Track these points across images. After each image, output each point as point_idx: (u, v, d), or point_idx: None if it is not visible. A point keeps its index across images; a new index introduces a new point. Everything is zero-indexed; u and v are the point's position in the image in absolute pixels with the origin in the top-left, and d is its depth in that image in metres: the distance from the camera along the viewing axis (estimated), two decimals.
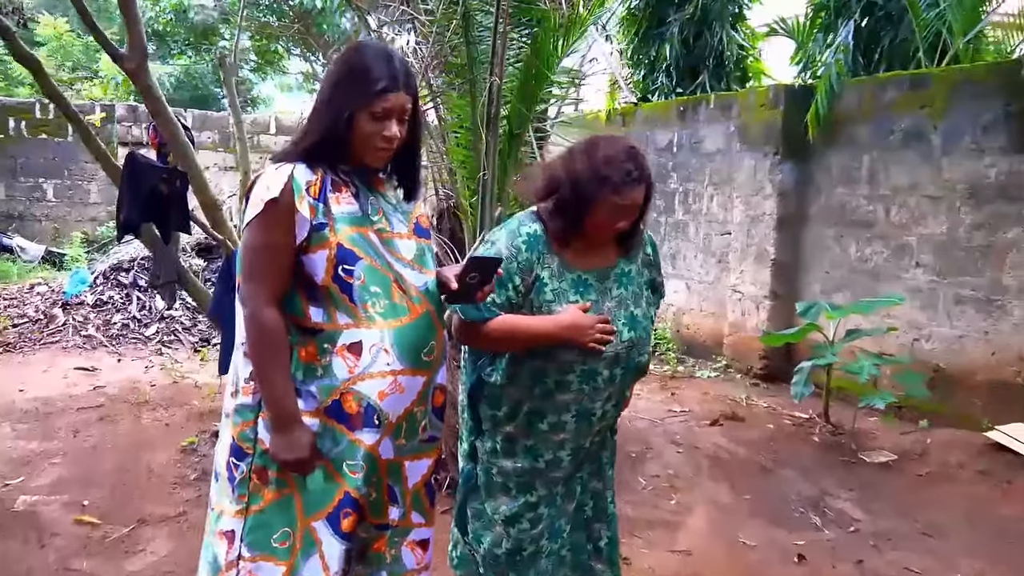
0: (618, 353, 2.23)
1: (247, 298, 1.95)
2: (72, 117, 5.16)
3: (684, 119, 7.69)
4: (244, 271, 1.96)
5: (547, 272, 2.21)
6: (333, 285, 1.92)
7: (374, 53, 1.99)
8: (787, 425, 5.63)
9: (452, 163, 4.12)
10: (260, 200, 1.92)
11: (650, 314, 2.37)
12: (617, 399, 2.34)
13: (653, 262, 2.44)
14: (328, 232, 1.92)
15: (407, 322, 1.98)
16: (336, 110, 1.95)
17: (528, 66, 3.78)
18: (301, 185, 1.93)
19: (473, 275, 2.03)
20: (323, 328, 1.94)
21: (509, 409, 2.27)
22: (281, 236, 1.91)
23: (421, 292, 2.05)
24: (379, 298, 1.95)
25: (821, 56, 6.98)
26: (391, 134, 1.97)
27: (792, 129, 6.49)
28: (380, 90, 1.92)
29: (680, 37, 8.15)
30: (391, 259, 2.01)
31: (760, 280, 6.77)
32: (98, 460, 4.53)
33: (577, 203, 2.16)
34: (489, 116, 3.69)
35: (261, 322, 1.92)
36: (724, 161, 7.24)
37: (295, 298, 1.96)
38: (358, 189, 2.03)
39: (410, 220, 2.14)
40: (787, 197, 6.58)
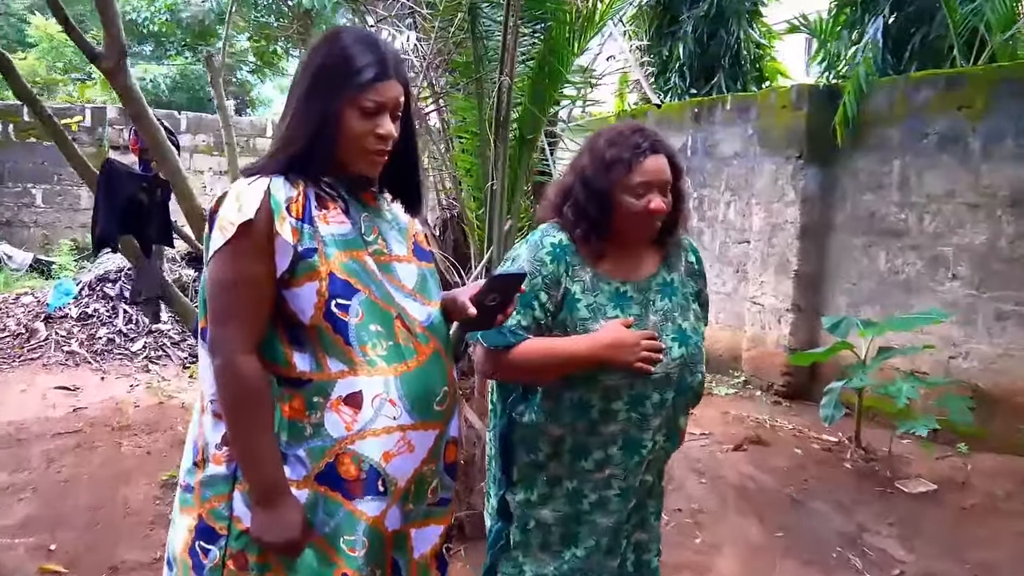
0: (668, 373, 1.96)
1: (218, 345, 1.60)
2: (46, 120, 4.80)
3: (699, 121, 7.32)
4: (212, 312, 1.61)
5: (579, 286, 1.97)
6: (324, 324, 1.58)
7: (355, 38, 1.66)
8: (816, 450, 5.25)
9: (457, 171, 3.75)
10: (230, 223, 1.56)
11: (700, 329, 2.09)
12: (668, 428, 2.04)
13: (698, 271, 2.16)
14: (317, 260, 1.58)
15: (415, 366, 1.64)
16: (318, 109, 1.61)
17: (541, 64, 3.42)
18: (280, 203, 1.58)
19: (493, 296, 1.71)
20: (311, 378, 1.59)
21: (550, 450, 2.00)
22: (258, 266, 1.57)
23: (426, 328, 1.70)
24: (381, 338, 1.61)
25: (846, 54, 6.60)
26: (386, 131, 1.64)
27: (816, 132, 6.12)
28: (369, 80, 1.60)
29: (694, 35, 7.77)
30: (391, 289, 1.67)
31: (782, 292, 6.39)
32: (71, 495, 4.17)
33: (595, 200, 1.95)
34: (498, 119, 3.32)
35: (238, 374, 1.57)
36: (742, 165, 6.87)
37: (274, 342, 1.61)
38: (348, 204, 1.69)
39: (408, 239, 1.79)
40: (811, 204, 6.21)
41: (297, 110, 1.64)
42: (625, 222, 1.96)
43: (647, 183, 1.92)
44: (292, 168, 1.62)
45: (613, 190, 1.93)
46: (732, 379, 6.86)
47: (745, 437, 5.33)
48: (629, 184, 1.92)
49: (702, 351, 2.08)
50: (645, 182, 1.92)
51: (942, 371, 5.34)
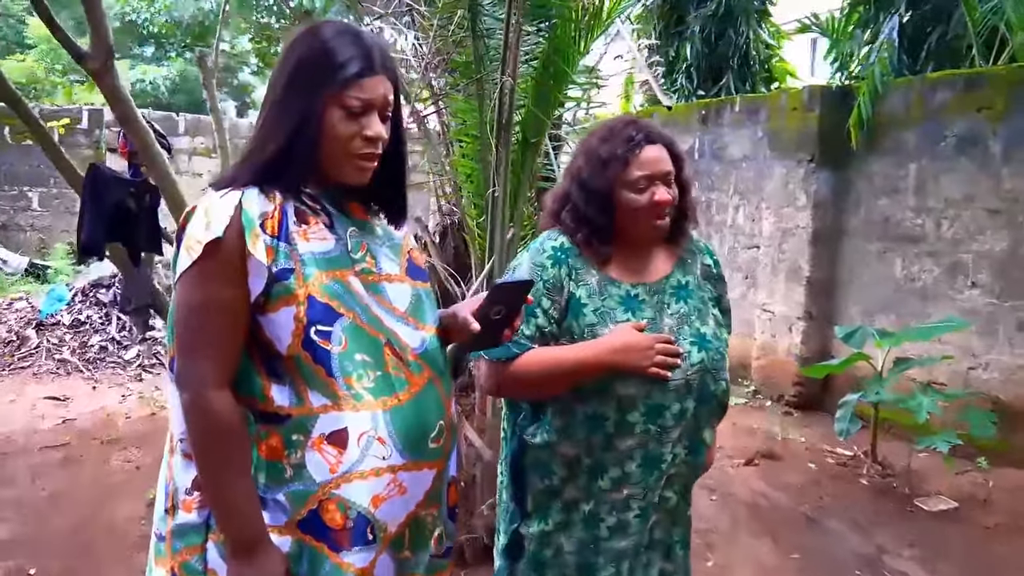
0: (688, 380, 1.82)
1: (186, 379, 1.43)
2: (32, 123, 4.64)
3: (706, 123, 7.13)
4: (179, 341, 1.44)
5: (584, 290, 1.85)
6: (303, 354, 1.41)
7: (336, 30, 1.49)
8: (830, 465, 5.07)
9: (457, 176, 3.57)
10: (197, 242, 1.39)
11: (722, 336, 1.95)
12: (690, 441, 1.90)
13: (717, 275, 2.03)
14: (294, 282, 1.41)
15: (407, 399, 1.47)
16: (297, 109, 1.44)
17: (545, 64, 3.23)
18: (254, 218, 1.41)
19: (498, 309, 1.55)
20: (290, 413, 1.42)
21: (565, 472, 1.86)
22: (229, 290, 1.40)
23: (420, 355, 1.52)
24: (368, 368, 1.44)
25: (859, 54, 6.41)
26: (375, 133, 1.47)
27: (829, 134, 5.94)
28: (353, 75, 1.44)
29: (702, 35, 7.58)
30: (380, 312, 1.49)
31: (793, 299, 6.20)
32: (54, 514, 3.99)
33: (594, 202, 1.84)
34: (500, 122, 3.14)
35: (208, 411, 1.40)
36: (751, 169, 6.69)
37: (250, 374, 1.44)
38: (331, 217, 1.51)
39: (401, 255, 1.62)
40: (823, 208, 6.02)
41: (273, 111, 1.47)
42: (630, 220, 1.85)
43: (648, 176, 1.82)
44: (267, 177, 1.45)
45: (613, 188, 1.83)
46: (741, 389, 6.67)
47: (756, 451, 5.14)
48: (629, 179, 1.81)
49: (725, 357, 1.93)
50: (645, 175, 1.81)
51: (960, 382, 5.15)
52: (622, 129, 1.86)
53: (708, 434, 1.94)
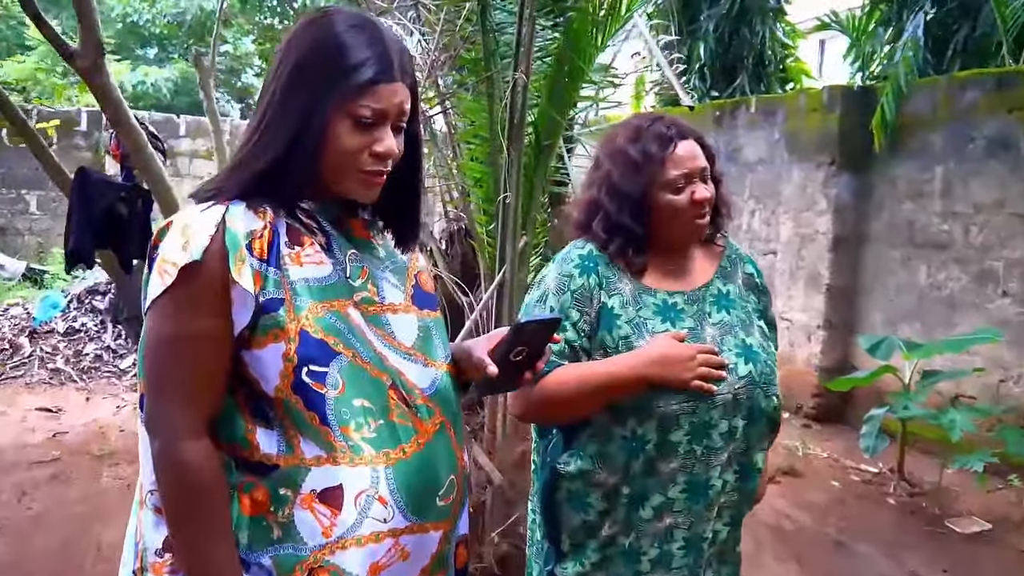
0: (735, 395, 1.65)
1: (156, 425, 1.22)
2: (20, 125, 4.45)
3: (721, 125, 6.91)
4: (150, 381, 1.23)
5: (617, 299, 1.70)
6: (293, 397, 1.20)
7: (351, 23, 1.25)
8: (855, 483, 4.84)
9: (465, 181, 3.35)
10: (172, 264, 1.18)
11: (770, 349, 1.79)
12: (741, 464, 1.72)
13: (760, 286, 1.89)
14: (284, 314, 1.20)
15: (413, 451, 1.27)
16: (298, 114, 1.21)
17: (560, 60, 3.01)
18: (239, 238, 1.20)
19: (520, 350, 1.34)
20: (278, 464, 1.21)
21: (603, 504, 1.69)
22: (208, 322, 1.19)
23: (430, 397, 1.31)
24: (369, 416, 1.23)
25: (881, 53, 6.18)
26: (386, 148, 1.24)
27: (850, 136, 5.72)
28: (367, 80, 1.21)
29: (715, 35, 7.35)
30: (384, 349, 1.28)
31: (812, 307, 5.98)
32: (40, 535, 3.78)
33: (629, 208, 1.71)
34: (511, 123, 2.92)
35: (181, 463, 1.19)
36: (768, 172, 6.46)
37: (234, 416, 1.24)
38: (329, 238, 1.29)
39: (407, 281, 1.40)
40: (844, 213, 5.80)
41: (270, 113, 1.23)
42: (669, 224, 1.72)
43: (686, 174, 1.69)
44: (259, 190, 1.23)
45: (649, 191, 1.70)
46: None
47: (777, 467, 4.91)
48: (666, 180, 1.69)
49: (775, 371, 1.75)
50: (683, 173, 1.69)
51: (990, 396, 4.92)
52: (651, 127, 1.73)
53: (760, 457, 1.75)
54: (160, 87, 14.63)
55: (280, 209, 1.25)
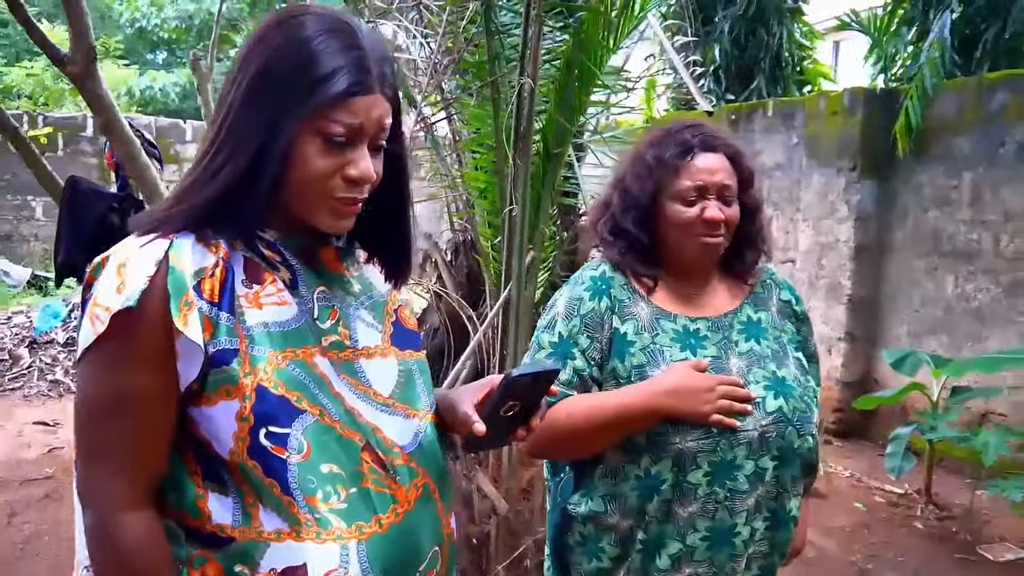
0: (763, 432, 1.49)
1: (88, 496, 1.06)
2: (11, 132, 4.31)
3: (736, 129, 6.69)
4: (80, 443, 1.05)
5: (631, 325, 1.56)
6: (251, 462, 1.02)
7: (324, 26, 1.06)
8: (880, 504, 4.61)
9: (470, 191, 3.17)
10: (105, 309, 1.00)
11: (808, 383, 1.61)
12: (772, 511, 1.55)
13: (799, 314, 1.71)
14: (239, 367, 1.02)
15: (391, 522, 1.09)
16: (259, 131, 1.02)
17: (569, 63, 2.83)
18: (186, 279, 1.02)
19: (512, 404, 1.15)
20: (233, 536, 1.04)
21: (617, 551, 1.54)
22: (147, 379, 1.01)
23: (412, 454, 1.14)
24: (338, 484, 1.07)
25: (904, 54, 5.97)
26: (360, 172, 1.06)
27: (872, 141, 5.50)
28: (340, 92, 1.03)
29: (730, 36, 7.15)
30: (356, 402, 1.11)
31: (833, 318, 5.76)
32: (26, 561, 3.63)
33: (633, 211, 1.59)
34: (517, 130, 2.73)
35: (118, 538, 1.03)
36: (786, 178, 6.24)
37: (182, 479, 1.07)
38: (295, 273, 1.11)
39: (385, 317, 1.22)
40: (867, 221, 5.58)
41: (226, 130, 1.05)
42: (677, 239, 1.58)
43: (700, 187, 1.54)
44: (211, 219, 1.05)
45: (657, 197, 1.57)
46: None
47: None
48: (677, 189, 1.55)
49: (812, 408, 1.57)
50: (697, 186, 1.54)
51: (1022, 414, 4.69)
52: (678, 132, 1.60)
53: (795, 504, 1.56)
54: (168, 92, 14.54)
55: (237, 240, 1.07)
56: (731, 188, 1.57)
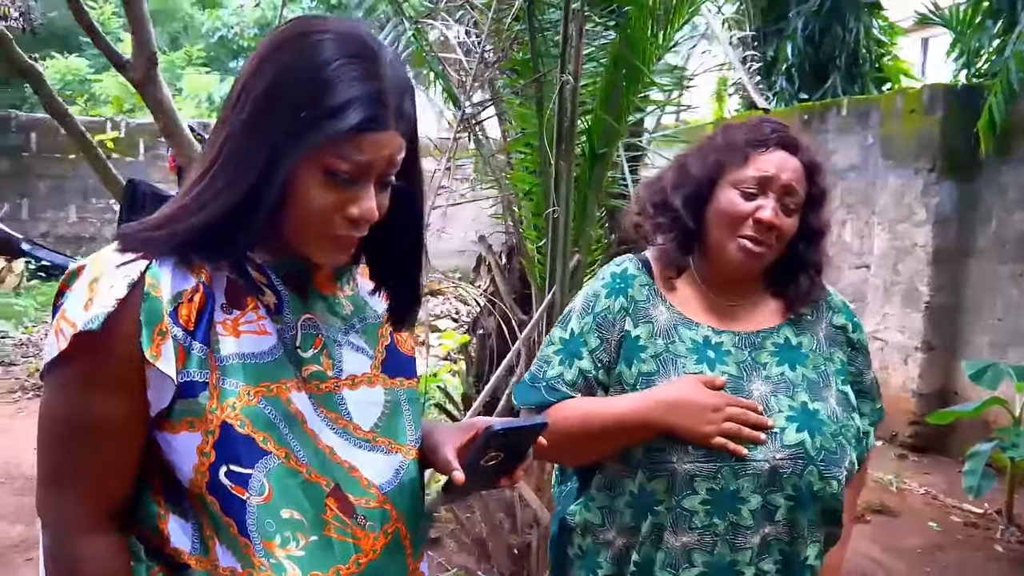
0: (776, 467, 1.34)
1: (47, 517, 1.01)
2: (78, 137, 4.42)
3: (809, 129, 6.45)
4: (41, 463, 1.01)
5: (645, 328, 1.44)
6: (210, 497, 0.97)
7: (343, 50, 0.96)
8: (956, 524, 4.36)
9: (515, 192, 3.10)
10: (70, 324, 0.94)
11: (850, 422, 1.43)
12: (784, 555, 1.38)
13: (855, 343, 1.53)
14: (205, 401, 0.96)
15: (350, 573, 1.03)
16: (259, 158, 0.95)
17: (616, 60, 2.73)
18: (161, 306, 0.95)
19: (493, 456, 1.07)
20: (188, 564, 0.99)
21: (614, 568, 1.43)
22: (109, 406, 0.96)
23: (388, 494, 1.08)
24: (298, 530, 1.01)
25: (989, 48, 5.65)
26: (362, 213, 0.98)
27: (953, 140, 5.22)
28: (351, 127, 0.94)
29: (804, 33, 6.89)
30: (333, 438, 1.05)
31: (910, 327, 5.48)
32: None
33: (687, 187, 1.46)
34: (560, 129, 2.65)
35: (77, 561, 0.99)
36: (860, 179, 5.99)
37: (145, 497, 1.02)
38: (281, 298, 1.05)
39: (379, 340, 1.15)
40: (946, 224, 5.29)
41: (226, 152, 0.97)
42: (718, 233, 1.43)
43: (764, 179, 1.40)
44: (198, 244, 0.97)
45: (715, 180, 1.44)
46: None
47: (867, 504, 4.47)
48: (739, 176, 1.42)
49: (846, 449, 1.39)
50: (762, 177, 1.40)
51: None
52: (758, 124, 1.47)
53: (812, 551, 1.40)
54: None
55: (220, 262, 1.00)
56: (798, 195, 1.42)
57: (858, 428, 1.45)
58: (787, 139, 1.44)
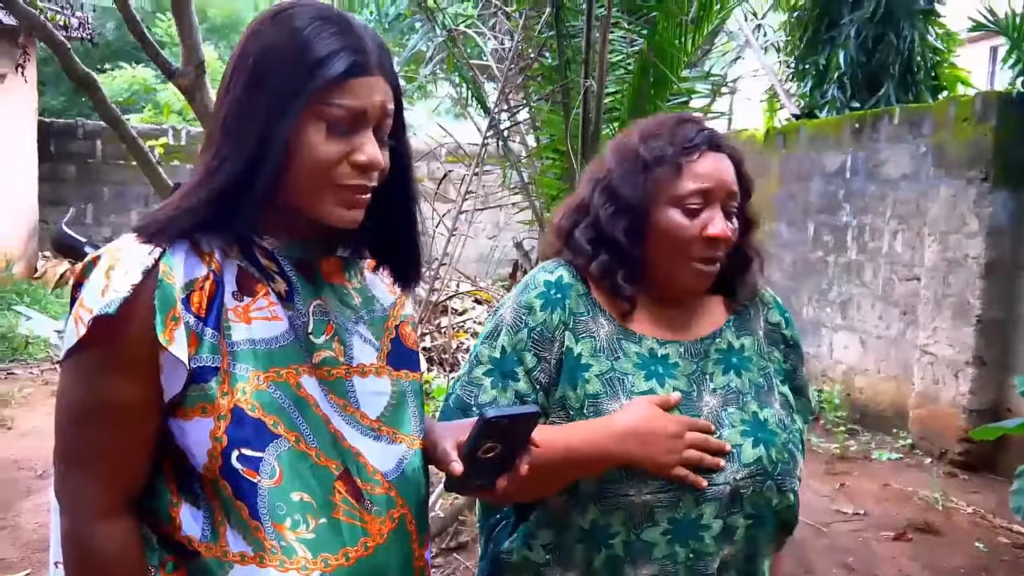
0: (736, 488, 1.27)
1: (65, 500, 1.06)
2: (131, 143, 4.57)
3: (860, 138, 6.34)
4: (58, 447, 1.06)
5: (587, 345, 1.32)
6: (222, 481, 1.01)
7: (314, 15, 1.04)
8: (1003, 545, 4.21)
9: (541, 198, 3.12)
10: (87, 311, 0.99)
11: (792, 425, 1.37)
12: (740, 571, 1.32)
13: (789, 339, 1.47)
14: (217, 386, 1.00)
15: (359, 556, 1.06)
16: (258, 121, 1.00)
17: (643, 67, 2.73)
18: (174, 292, 1.00)
19: (490, 446, 1.08)
20: (199, 551, 1.03)
21: None
22: (125, 391, 1.00)
23: (393, 482, 1.11)
24: (308, 513, 1.04)
25: None
26: (369, 156, 1.02)
27: (1007, 149, 5.07)
28: (339, 74, 1.00)
29: (857, 41, 6.75)
30: (341, 424, 1.08)
31: (960, 341, 5.33)
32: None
33: (624, 215, 1.31)
34: (585, 135, 2.66)
35: (92, 548, 1.03)
36: (912, 189, 5.85)
37: (159, 485, 1.05)
38: (291, 285, 1.08)
39: (385, 333, 1.18)
40: (1000, 236, 5.14)
41: (224, 130, 1.03)
42: (665, 258, 1.32)
43: (705, 191, 1.29)
44: (210, 221, 1.02)
45: (652, 202, 1.30)
46: (896, 441, 5.81)
47: (909, 521, 4.36)
48: (677, 192, 1.29)
49: (796, 457, 1.34)
50: (702, 189, 1.29)
51: None
52: (676, 126, 1.34)
53: (767, 564, 1.36)
54: None
55: (233, 248, 1.04)
56: (736, 196, 1.33)
57: (799, 430, 1.39)
58: (714, 137, 1.34)
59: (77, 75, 4.40)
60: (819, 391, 6.12)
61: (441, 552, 3.44)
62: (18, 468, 4.68)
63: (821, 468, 5.22)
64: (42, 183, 10.45)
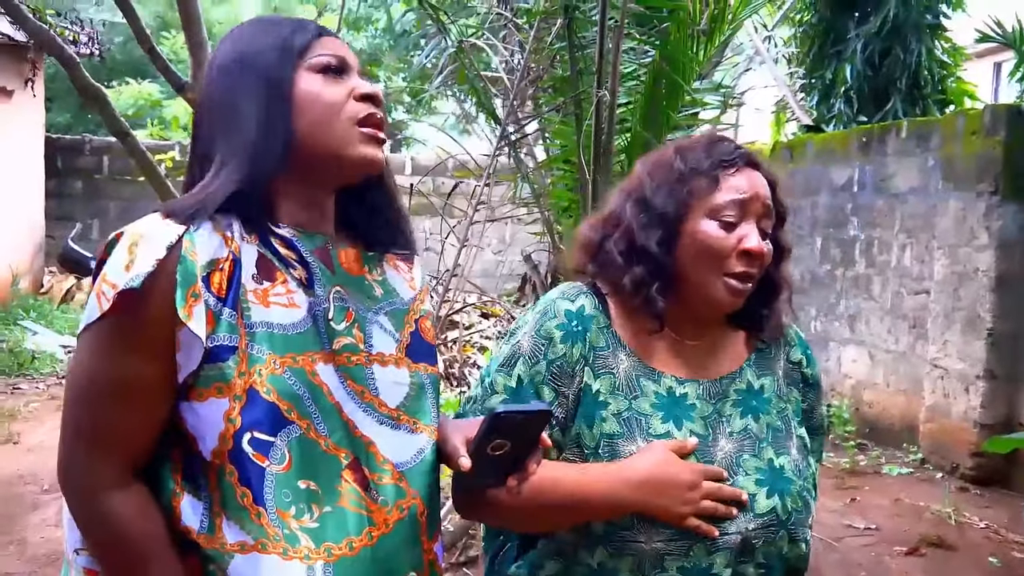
0: (748, 538, 1.24)
1: (72, 476, 1.05)
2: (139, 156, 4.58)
3: (867, 152, 6.33)
4: (67, 420, 1.05)
5: (605, 382, 1.27)
6: (229, 467, 1.00)
7: (260, 20, 1.20)
8: (1018, 560, 4.16)
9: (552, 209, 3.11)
10: (111, 285, 1.00)
11: (807, 470, 1.34)
12: None
13: (809, 378, 1.42)
14: (234, 366, 1.00)
15: (363, 546, 1.05)
16: (258, 90, 1.07)
17: (655, 76, 2.73)
18: (196, 269, 1.00)
19: (499, 443, 1.06)
20: (198, 542, 1.02)
21: None
22: (142, 366, 1.01)
23: (406, 472, 1.10)
24: (312, 501, 1.03)
25: None
26: (371, 88, 1.10)
27: (1016, 161, 5.06)
28: (314, 33, 1.11)
29: (864, 55, 6.76)
30: (356, 412, 1.07)
31: (970, 354, 5.30)
32: None
33: (657, 225, 1.26)
34: (597, 146, 2.65)
35: (109, 517, 1.02)
36: (920, 203, 5.84)
37: (163, 473, 1.05)
38: (311, 272, 1.08)
39: (404, 326, 1.17)
40: (1009, 249, 5.12)
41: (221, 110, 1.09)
42: (697, 270, 1.26)
43: (742, 203, 1.25)
44: (233, 206, 1.04)
45: (686, 212, 1.26)
46: (906, 455, 5.77)
47: (921, 536, 4.31)
48: (714, 203, 1.25)
49: (810, 505, 1.32)
50: (738, 200, 1.25)
51: None
52: (715, 142, 1.31)
53: None
54: None
55: (253, 232, 1.06)
56: (772, 215, 1.29)
57: (812, 475, 1.36)
58: (751, 155, 1.31)
59: (87, 89, 4.41)
60: (828, 406, 6.09)
61: (451, 567, 3.40)
62: (24, 483, 4.66)
63: (831, 483, 5.17)
64: (49, 199, 10.48)
